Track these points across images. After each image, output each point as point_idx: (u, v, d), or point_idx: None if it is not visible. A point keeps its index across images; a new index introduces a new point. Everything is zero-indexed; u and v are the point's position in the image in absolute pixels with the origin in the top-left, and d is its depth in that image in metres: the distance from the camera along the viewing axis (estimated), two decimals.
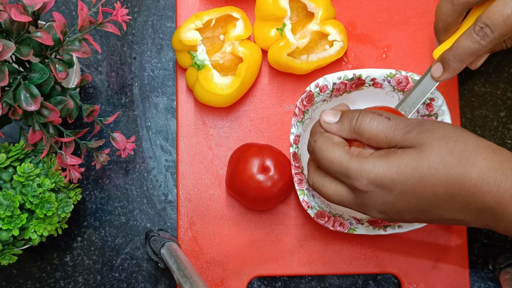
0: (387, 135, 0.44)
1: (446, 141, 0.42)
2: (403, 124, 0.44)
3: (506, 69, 0.67)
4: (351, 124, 0.46)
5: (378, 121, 0.44)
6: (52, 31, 0.50)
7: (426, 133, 0.42)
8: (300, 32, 0.63)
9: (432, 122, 0.44)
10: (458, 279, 0.63)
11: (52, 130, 0.52)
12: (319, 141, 0.47)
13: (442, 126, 0.43)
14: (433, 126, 0.43)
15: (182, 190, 0.63)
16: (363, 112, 0.46)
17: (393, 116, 0.45)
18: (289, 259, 0.63)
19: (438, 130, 0.43)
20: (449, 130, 0.43)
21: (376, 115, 0.45)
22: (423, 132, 0.43)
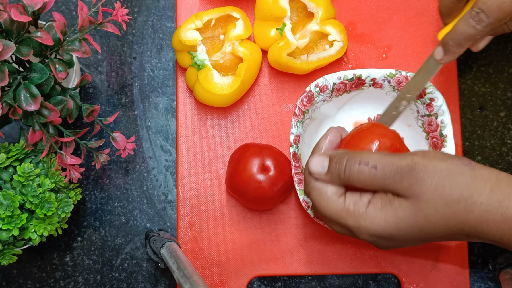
0: (378, 184, 0.43)
1: (440, 192, 0.41)
2: (392, 171, 0.42)
3: (506, 69, 0.67)
4: (340, 176, 0.44)
5: (366, 174, 0.43)
6: (52, 31, 0.50)
7: (418, 184, 0.41)
8: (300, 32, 0.63)
9: (423, 169, 0.41)
10: (458, 279, 0.63)
11: (52, 130, 0.52)
12: (313, 194, 0.47)
13: (434, 172, 0.41)
14: (425, 174, 0.41)
15: (182, 190, 0.63)
16: (349, 162, 0.44)
17: (380, 163, 0.42)
18: (289, 259, 0.63)
19: (430, 179, 0.41)
20: (443, 176, 0.41)
21: (362, 166, 0.43)
22: (415, 183, 0.41)
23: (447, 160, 0.41)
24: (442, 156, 0.42)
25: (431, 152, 0.43)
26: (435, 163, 0.41)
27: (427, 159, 0.41)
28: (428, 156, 0.42)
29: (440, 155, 0.42)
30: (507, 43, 0.67)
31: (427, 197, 0.41)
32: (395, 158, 0.42)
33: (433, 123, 0.59)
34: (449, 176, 0.40)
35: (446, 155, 0.42)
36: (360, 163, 0.43)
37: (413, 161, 0.41)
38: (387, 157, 0.42)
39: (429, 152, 0.43)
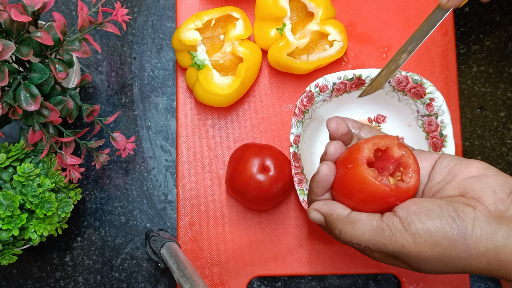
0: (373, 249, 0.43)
1: (436, 269, 0.40)
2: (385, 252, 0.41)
3: (506, 69, 0.67)
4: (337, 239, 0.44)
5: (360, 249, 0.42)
6: (52, 31, 0.50)
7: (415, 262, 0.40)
8: (300, 32, 0.63)
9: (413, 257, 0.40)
10: (458, 279, 0.63)
11: (52, 130, 0.52)
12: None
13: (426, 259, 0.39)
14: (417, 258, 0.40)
15: (182, 190, 0.63)
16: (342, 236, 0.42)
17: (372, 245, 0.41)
18: (289, 259, 0.63)
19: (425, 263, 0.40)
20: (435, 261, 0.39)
21: (355, 245, 0.42)
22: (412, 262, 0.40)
23: (439, 244, 0.39)
24: (434, 239, 0.39)
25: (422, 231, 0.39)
26: (427, 250, 0.39)
27: (418, 245, 0.39)
28: (419, 240, 0.39)
29: (432, 237, 0.39)
30: (507, 43, 0.67)
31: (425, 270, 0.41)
32: (385, 240, 0.40)
33: (433, 123, 0.59)
34: (443, 261, 0.40)
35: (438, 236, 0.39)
36: (351, 241, 0.42)
37: (404, 248, 0.39)
38: (377, 237, 0.40)
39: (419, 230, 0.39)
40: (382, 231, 0.40)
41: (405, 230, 0.39)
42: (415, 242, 0.39)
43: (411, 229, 0.39)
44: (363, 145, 0.42)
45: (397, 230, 0.40)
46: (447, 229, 0.38)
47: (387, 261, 0.43)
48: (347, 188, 0.42)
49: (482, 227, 0.38)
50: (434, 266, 0.40)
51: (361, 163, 0.41)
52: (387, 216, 0.41)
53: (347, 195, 0.43)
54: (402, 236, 0.39)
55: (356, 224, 0.41)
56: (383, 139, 0.42)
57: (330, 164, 0.44)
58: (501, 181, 0.40)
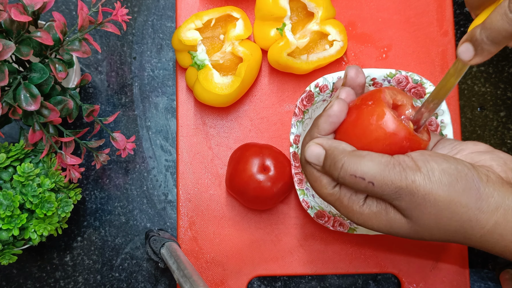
0: (375, 195, 0.39)
1: (438, 222, 0.38)
2: (391, 190, 0.38)
3: (506, 69, 0.67)
4: (334, 178, 0.41)
5: (361, 187, 0.39)
6: (52, 31, 0.50)
7: (417, 209, 0.38)
8: (300, 32, 0.63)
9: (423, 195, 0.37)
10: (458, 279, 0.63)
11: (52, 130, 0.52)
12: (309, 179, 0.44)
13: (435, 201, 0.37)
14: (425, 201, 0.37)
15: (182, 190, 0.63)
16: (344, 172, 0.39)
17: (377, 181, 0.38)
18: (289, 259, 0.63)
19: (429, 208, 0.38)
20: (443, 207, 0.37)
21: (358, 179, 0.39)
22: (414, 207, 0.38)
23: (451, 186, 0.37)
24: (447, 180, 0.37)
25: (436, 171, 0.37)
26: (437, 190, 0.37)
27: (430, 182, 0.37)
28: (431, 178, 0.37)
29: (445, 177, 0.37)
30: None
31: (423, 223, 0.38)
32: (395, 176, 0.38)
33: (433, 123, 0.59)
34: (451, 208, 0.37)
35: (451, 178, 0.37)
36: (355, 176, 0.39)
37: (414, 184, 0.37)
38: (386, 172, 0.38)
39: (434, 170, 0.38)
40: (392, 166, 0.38)
41: (417, 167, 0.37)
42: (428, 179, 0.37)
43: (426, 166, 0.37)
44: (384, 89, 0.41)
45: (409, 167, 0.38)
46: (463, 174, 0.37)
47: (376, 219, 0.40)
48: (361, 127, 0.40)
49: (494, 183, 0.37)
50: (440, 213, 0.37)
51: (383, 101, 0.40)
52: (398, 156, 0.39)
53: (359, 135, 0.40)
54: (413, 173, 0.37)
55: (364, 157, 0.39)
56: (400, 94, 0.42)
57: (344, 102, 0.42)
58: (510, 156, 0.40)
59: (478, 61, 0.43)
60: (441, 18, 0.66)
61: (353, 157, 0.39)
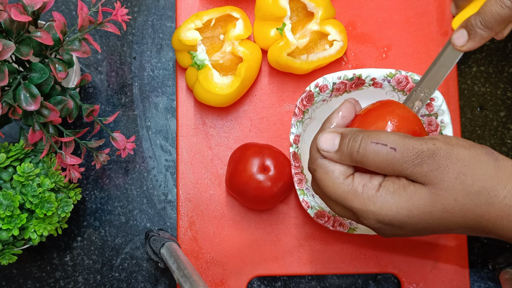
0: (395, 168, 0.39)
1: (462, 181, 0.38)
2: (413, 155, 0.38)
3: (506, 69, 0.67)
4: (353, 156, 0.40)
5: (383, 155, 0.39)
6: (52, 30, 0.50)
7: (440, 170, 0.38)
8: (300, 32, 0.63)
9: (445, 155, 0.38)
10: (458, 279, 0.63)
11: (52, 130, 0.52)
12: (319, 172, 0.42)
13: (457, 159, 0.38)
14: (447, 160, 0.38)
15: (182, 190, 0.63)
16: (365, 141, 0.39)
17: (399, 145, 0.39)
18: (289, 259, 0.63)
19: (453, 166, 0.38)
20: (466, 164, 0.38)
21: (380, 146, 0.39)
22: (436, 169, 0.38)
23: (470, 148, 0.38)
24: (464, 143, 0.39)
25: (454, 138, 0.39)
26: (458, 150, 0.38)
27: (450, 145, 0.38)
28: (450, 142, 0.39)
29: (462, 142, 0.39)
30: (507, 43, 0.67)
31: (447, 185, 0.38)
32: (415, 142, 0.38)
33: (433, 122, 0.59)
34: (473, 165, 0.38)
35: (468, 143, 0.39)
36: (377, 143, 0.39)
37: (435, 145, 0.38)
38: (407, 139, 0.39)
39: (452, 138, 0.39)
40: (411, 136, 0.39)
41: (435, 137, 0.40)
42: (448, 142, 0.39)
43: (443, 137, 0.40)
44: None
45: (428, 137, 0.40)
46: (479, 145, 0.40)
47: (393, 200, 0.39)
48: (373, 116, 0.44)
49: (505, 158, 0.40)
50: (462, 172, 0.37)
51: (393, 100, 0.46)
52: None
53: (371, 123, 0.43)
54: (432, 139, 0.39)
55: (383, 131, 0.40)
56: None
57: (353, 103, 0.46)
58: None
59: (470, 46, 0.47)
60: (441, 18, 0.66)
61: (372, 131, 0.40)
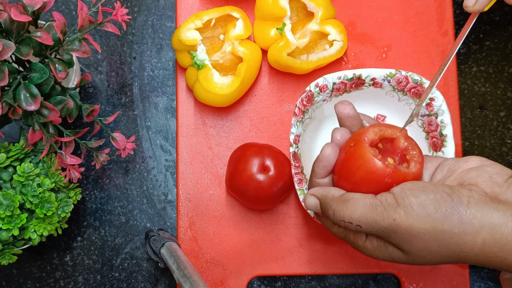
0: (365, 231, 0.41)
1: (429, 250, 0.39)
2: (378, 230, 0.40)
3: (506, 69, 0.67)
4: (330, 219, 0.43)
5: (353, 229, 0.41)
6: (52, 30, 0.50)
7: (406, 243, 0.39)
8: (300, 32, 0.63)
9: (406, 231, 0.38)
10: (458, 279, 0.63)
11: (52, 130, 0.52)
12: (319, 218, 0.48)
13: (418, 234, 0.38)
14: (409, 235, 0.38)
15: (182, 190, 0.63)
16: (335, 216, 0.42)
17: (363, 223, 0.40)
18: (289, 259, 0.63)
19: (415, 241, 0.39)
20: (428, 238, 0.38)
21: (347, 224, 0.41)
22: (402, 241, 0.39)
23: (431, 216, 0.38)
24: (426, 211, 0.38)
25: (415, 205, 0.38)
26: (418, 223, 0.38)
27: (410, 217, 0.38)
28: (411, 213, 0.38)
29: (424, 210, 0.38)
30: (507, 43, 0.67)
31: (416, 254, 0.39)
32: (377, 216, 0.39)
33: (433, 122, 0.59)
34: (436, 237, 0.38)
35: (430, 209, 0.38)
36: (344, 221, 0.41)
37: (395, 222, 0.39)
38: (369, 213, 0.40)
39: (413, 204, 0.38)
40: (374, 207, 0.40)
41: (397, 204, 0.39)
42: (407, 214, 0.38)
43: (404, 202, 0.38)
44: (369, 127, 0.43)
45: (390, 205, 0.39)
46: (441, 202, 0.38)
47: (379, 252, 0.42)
48: (347, 168, 0.42)
49: (477, 203, 0.37)
50: (427, 244, 0.38)
51: (363, 141, 0.41)
52: (381, 194, 0.40)
53: (346, 175, 0.43)
54: (394, 210, 0.39)
55: (349, 201, 0.41)
56: (390, 128, 0.43)
57: (333, 146, 0.44)
58: (499, 169, 0.40)
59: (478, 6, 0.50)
60: (441, 18, 0.66)
61: (340, 203, 0.42)
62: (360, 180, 0.42)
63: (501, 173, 0.39)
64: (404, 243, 0.39)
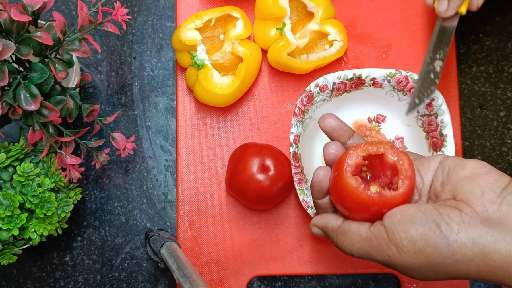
0: None
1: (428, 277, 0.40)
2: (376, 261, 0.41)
3: (506, 69, 0.67)
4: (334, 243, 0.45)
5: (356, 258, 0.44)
6: (52, 30, 0.50)
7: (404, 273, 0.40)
8: (300, 32, 0.63)
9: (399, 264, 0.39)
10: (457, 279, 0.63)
11: (52, 129, 0.52)
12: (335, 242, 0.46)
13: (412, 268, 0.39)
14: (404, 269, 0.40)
15: (182, 190, 0.63)
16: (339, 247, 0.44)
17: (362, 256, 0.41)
18: (289, 259, 0.63)
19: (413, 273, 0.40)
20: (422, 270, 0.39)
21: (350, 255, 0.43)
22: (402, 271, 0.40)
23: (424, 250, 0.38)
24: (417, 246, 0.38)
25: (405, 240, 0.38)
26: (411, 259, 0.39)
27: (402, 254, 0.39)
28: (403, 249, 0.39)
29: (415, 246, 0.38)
30: (507, 43, 0.67)
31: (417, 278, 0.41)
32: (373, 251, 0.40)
33: (433, 122, 0.59)
34: (430, 269, 0.39)
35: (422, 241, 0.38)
36: (345, 252, 0.43)
37: (390, 258, 0.40)
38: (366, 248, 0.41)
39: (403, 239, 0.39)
40: (369, 242, 0.40)
41: (389, 240, 0.39)
42: (399, 252, 0.39)
43: (395, 238, 0.39)
44: (351, 151, 0.42)
45: (383, 240, 0.40)
46: (430, 236, 0.38)
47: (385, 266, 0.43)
48: (337, 195, 0.42)
49: (467, 231, 0.37)
50: (424, 274, 0.39)
51: (345, 172, 0.41)
52: (375, 226, 0.41)
53: (339, 201, 0.42)
54: (387, 247, 0.39)
55: (347, 235, 0.42)
56: (375, 145, 0.42)
57: (325, 169, 0.44)
58: (492, 180, 0.39)
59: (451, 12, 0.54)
60: None
61: (339, 236, 0.43)
62: (351, 208, 0.42)
63: (495, 185, 0.38)
64: (403, 272, 0.40)
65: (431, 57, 0.57)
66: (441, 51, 0.56)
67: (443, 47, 0.56)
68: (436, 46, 0.56)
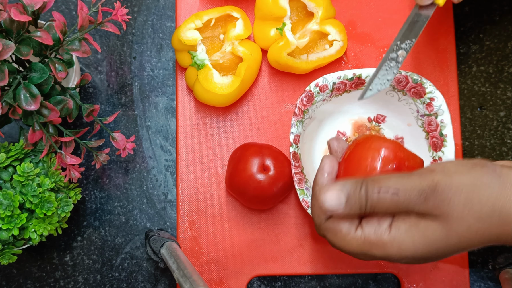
0: (402, 209, 0.39)
1: (469, 208, 0.37)
2: (415, 195, 0.38)
3: (506, 69, 0.67)
4: (361, 208, 0.40)
5: (388, 201, 0.39)
6: (52, 30, 0.50)
7: (445, 203, 0.38)
8: (300, 32, 0.63)
9: (446, 187, 0.38)
10: (458, 279, 0.63)
11: (52, 129, 0.52)
12: (329, 236, 0.43)
13: (459, 189, 0.38)
14: (450, 192, 0.38)
15: (182, 189, 0.63)
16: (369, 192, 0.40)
17: (400, 188, 0.39)
18: (289, 258, 0.63)
19: (457, 197, 0.37)
20: (469, 191, 0.37)
21: (382, 195, 0.39)
22: (441, 202, 0.38)
23: (469, 172, 0.38)
24: (463, 169, 0.38)
25: (451, 166, 0.39)
26: (458, 179, 0.38)
27: (448, 175, 0.38)
28: (448, 172, 0.38)
29: (461, 167, 0.38)
30: (507, 42, 0.67)
31: (456, 215, 0.38)
32: (415, 180, 0.39)
33: (433, 122, 0.59)
34: (476, 191, 0.37)
35: (467, 167, 0.38)
36: (379, 191, 0.39)
37: (434, 181, 0.38)
38: (406, 179, 0.39)
39: (449, 166, 0.39)
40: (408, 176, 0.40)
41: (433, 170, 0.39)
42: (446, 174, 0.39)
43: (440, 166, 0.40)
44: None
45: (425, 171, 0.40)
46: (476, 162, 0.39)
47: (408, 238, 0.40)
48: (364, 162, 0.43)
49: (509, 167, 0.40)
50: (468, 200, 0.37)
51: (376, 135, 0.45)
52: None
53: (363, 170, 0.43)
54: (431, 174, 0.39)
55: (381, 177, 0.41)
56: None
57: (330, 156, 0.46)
58: None
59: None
60: (441, 18, 0.66)
61: (371, 180, 0.40)
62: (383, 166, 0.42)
63: None
64: (443, 204, 0.38)
65: (398, 45, 0.55)
66: (408, 41, 0.55)
67: (411, 38, 0.55)
68: (405, 34, 0.55)
